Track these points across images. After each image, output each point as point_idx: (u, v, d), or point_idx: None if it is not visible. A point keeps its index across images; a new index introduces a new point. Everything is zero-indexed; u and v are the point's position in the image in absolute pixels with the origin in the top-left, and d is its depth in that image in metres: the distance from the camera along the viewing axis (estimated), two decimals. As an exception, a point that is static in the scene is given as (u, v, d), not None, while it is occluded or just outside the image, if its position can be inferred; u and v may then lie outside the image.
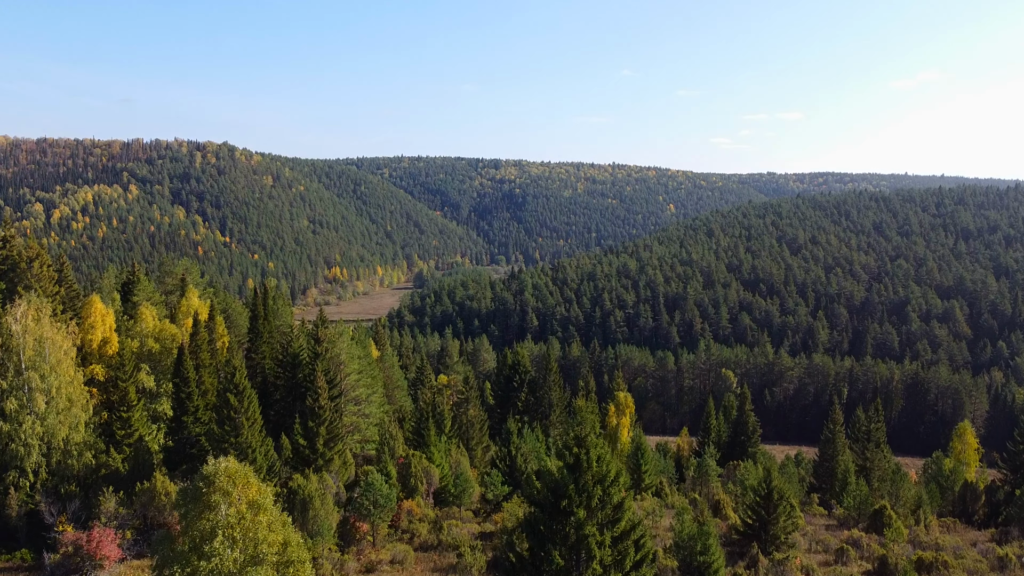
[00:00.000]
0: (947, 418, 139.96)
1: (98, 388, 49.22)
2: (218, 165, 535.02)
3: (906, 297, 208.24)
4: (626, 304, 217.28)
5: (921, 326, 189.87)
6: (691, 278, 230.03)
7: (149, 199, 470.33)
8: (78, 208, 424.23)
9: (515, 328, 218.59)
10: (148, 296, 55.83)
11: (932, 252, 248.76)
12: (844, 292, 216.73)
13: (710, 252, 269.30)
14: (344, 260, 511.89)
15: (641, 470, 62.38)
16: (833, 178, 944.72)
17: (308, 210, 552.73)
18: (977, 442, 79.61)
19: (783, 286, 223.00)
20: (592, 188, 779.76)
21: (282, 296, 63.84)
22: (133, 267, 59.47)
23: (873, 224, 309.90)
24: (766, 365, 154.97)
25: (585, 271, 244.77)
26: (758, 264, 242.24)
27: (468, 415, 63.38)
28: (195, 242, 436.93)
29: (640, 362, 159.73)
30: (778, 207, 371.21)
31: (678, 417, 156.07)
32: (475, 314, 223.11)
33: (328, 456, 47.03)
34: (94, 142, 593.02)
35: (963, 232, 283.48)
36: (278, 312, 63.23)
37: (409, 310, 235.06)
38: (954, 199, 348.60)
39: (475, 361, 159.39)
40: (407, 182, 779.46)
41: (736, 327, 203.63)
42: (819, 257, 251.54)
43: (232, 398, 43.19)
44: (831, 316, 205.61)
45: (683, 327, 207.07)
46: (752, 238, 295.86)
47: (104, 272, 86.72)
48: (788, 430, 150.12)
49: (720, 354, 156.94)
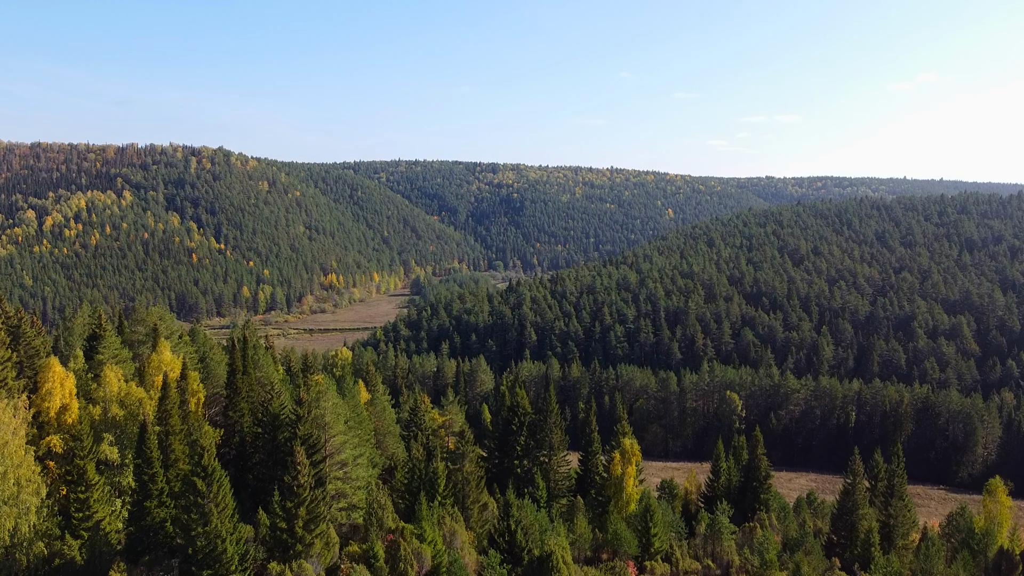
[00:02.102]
0: (958, 443, 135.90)
1: (56, 461, 44.80)
2: (213, 171, 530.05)
3: (912, 312, 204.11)
4: (626, 319, 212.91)
5: (928, 343, 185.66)
6: (692, 292, 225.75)
7: (143, 205, 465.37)
8: (71, 215, 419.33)
9: (513, 343, 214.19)
10: (114, 354, 51.34)
11: (937, 264, 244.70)
12: (848, 306, 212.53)
13: (711, 263, 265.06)
14: (340, 267, 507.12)
15: (650, 533, 58.00)
16: (832, 182, 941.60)
17: (304, 216, 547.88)
18: (1010, 500, 75.13)
19: (786, 300, 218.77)
20: (590, 193, 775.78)
21: (262, 347, 59.21)
22: (100, 319, 54.88)
23: (876, 234, 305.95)
24: (771, 387, 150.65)
25: (584, 283, 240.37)
26: (760, 276, 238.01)
27: (464, 471, 58.92)
28: (189, 249, 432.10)
29: (642, 383, 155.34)
30: (779, 215, 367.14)
31: (681, 440, 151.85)
32: (472, 328, 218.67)
33: (308, 540, 42.56)
34: (88, 147, 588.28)
35: (967, 242, 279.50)
36: (259, 363, 58.73)
37: (405, 324, 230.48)
38: (956, 208, 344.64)
39: (472, 383, 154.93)
40: (404, 186, 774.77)
41: (739, 343, 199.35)
42: (822, 269, 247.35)
43: (200, 483, 38.77)
44: (836, 332, 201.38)
45: (685, 343, 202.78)
46: (753, 248, 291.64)
47: (78, 310, 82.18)
48: (794, 454, 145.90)
49: (724, 375, 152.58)
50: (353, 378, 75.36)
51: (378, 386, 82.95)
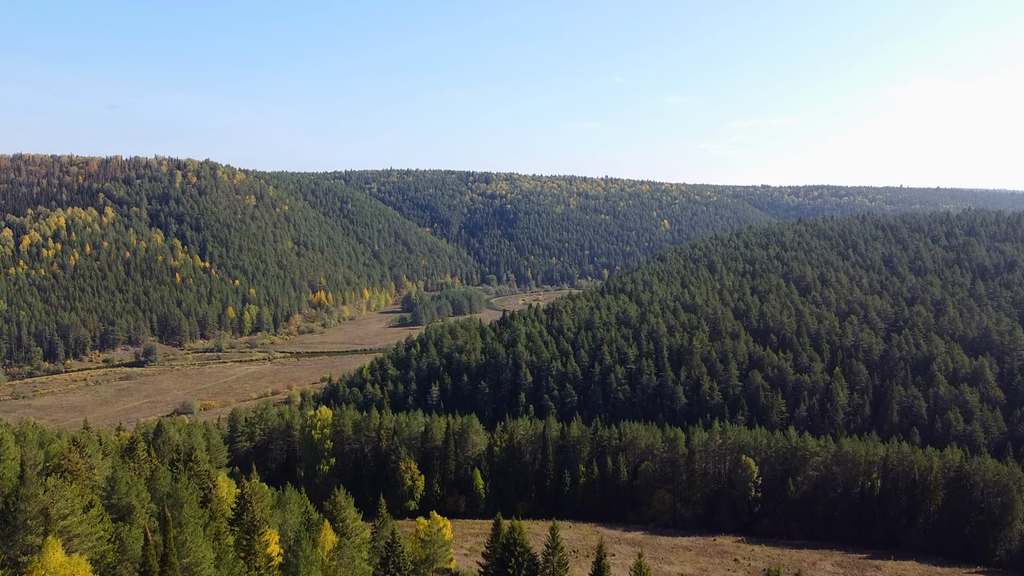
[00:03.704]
0: (995, 518, 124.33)
1: None
2: (199, 185, 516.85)
3: (930, 352, 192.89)
4: (627, 358, 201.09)
5: (950, 390, 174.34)
6: (696, 328, 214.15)
7: (126, 222, 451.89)
8: (49, 234, 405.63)
9: (507, 384, 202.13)
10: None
11: (951, 295, 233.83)
12: (861, 345, 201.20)
13: (714, 293, 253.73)
14: (330, 283, 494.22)
15: None
16: (828, 191, 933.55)
17: (293, 231, 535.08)
18: None
19: (795, 337, 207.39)
20: (585, 204, 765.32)
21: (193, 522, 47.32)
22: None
23: (883, 258, 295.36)
24: (788, 449, 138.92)
25: (583, 318, 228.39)
26: (767, 310, 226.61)
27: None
28: (173, 268, 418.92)
29: (647, 442, 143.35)
30: (780, 235, 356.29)
31: (690, 507, 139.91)
32: (464, 368, 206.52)
33: None
34: (72, 159, 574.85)
35: (979, 269, 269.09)
36: (185, 547, 46.49)
37: (393, 362, 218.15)
38: (964, 228, 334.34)
39: (463, 443, 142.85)
40: (396, 197, 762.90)
41: (747, 386, 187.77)
42: (831, 300, 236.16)
43: None
44: (849, 373, 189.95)
45: (689, 385, 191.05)
46: (757, 275, 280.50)
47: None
48: (815, 524, 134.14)
49: (737, 436, 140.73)
50: (318, 519, 63.17)
51: (348, 524, 70.47)
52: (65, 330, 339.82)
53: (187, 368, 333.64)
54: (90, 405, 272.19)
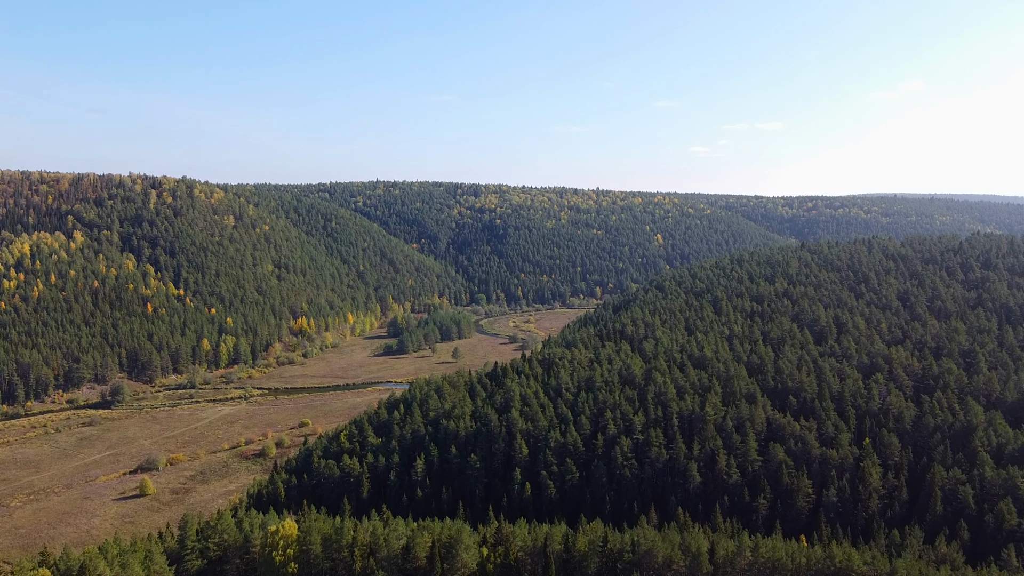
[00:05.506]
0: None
1: None
2: (174, 205, 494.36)
3: (968, 422, 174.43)
4: (633, 427, 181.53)
5: (998, 473, 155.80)
6: (708, 389, 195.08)
7: (95, 247, 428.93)
8: (12, 263, 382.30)
9: (501, 456, 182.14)
10: None
11: (980, 347, 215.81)
12: (891, 411, 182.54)
13: (723, 341, 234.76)
14: (312, 308, 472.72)
15: None
16: (823, 203, 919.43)
17: (273, 252, 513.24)
18: None
19: (817, 401, 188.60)
20: (576, 218, 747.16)
21: None
22: None
23: (898, 295, 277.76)
24: (828, 565, 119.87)
25: (582, 376, 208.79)
26: (783, 365, 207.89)
27: None
28: (144, 297, 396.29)
29: (665, 555, 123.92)
30: (785, 264, 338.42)
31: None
32: (452, 437, 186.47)
33: None
34: (42, 176, 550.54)
35: (1004, 311, 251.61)
36: None
37: (373, 428, 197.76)
38: (979, 260, 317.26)
39: (450, 559, 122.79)
40: (382, 211, 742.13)
41: (767, 461, 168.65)
42: (851, 353, 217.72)
43: None
44: (879, 446, 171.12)
45: (703, 460, 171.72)
46: (766, 316, 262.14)
47: None
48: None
49: (771, 553, 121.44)
50: None
51: None
52: (25, 369, 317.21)
53: (156, 411, 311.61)
54: (47, 460, 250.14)
